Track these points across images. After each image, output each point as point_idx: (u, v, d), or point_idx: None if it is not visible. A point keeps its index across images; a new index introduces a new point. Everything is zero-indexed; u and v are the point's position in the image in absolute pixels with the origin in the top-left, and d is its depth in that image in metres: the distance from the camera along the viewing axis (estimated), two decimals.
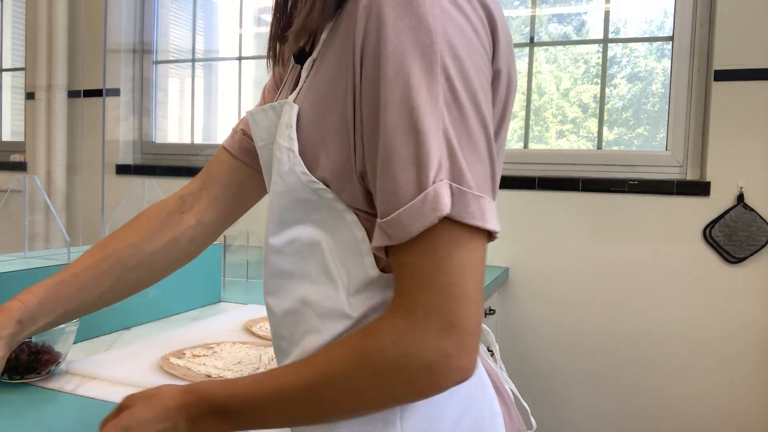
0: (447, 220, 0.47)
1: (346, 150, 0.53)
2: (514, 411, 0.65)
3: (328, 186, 0.55)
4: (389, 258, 0.51)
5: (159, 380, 0.84)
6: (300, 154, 0.56)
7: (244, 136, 0.75)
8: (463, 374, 0.49)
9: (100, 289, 0.73)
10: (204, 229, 0.78)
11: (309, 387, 0.52)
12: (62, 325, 0.85)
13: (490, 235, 0.50)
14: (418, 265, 0.49)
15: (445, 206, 0.47)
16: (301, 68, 0.61)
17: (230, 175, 0.76)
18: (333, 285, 0.56)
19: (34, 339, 0.83)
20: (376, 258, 0.54)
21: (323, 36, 0.58)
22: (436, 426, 0.57)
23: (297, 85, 0.61)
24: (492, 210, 0.50)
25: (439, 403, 0.56)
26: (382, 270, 0.55)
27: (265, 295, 0.63)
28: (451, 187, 0.48)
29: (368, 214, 0.54)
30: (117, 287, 0.75)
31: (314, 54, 0.58)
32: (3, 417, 0.74)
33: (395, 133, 0.48)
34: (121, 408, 0.57)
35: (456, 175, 0.48)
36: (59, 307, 0.71)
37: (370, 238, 0.54)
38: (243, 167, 0.76)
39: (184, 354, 0.95)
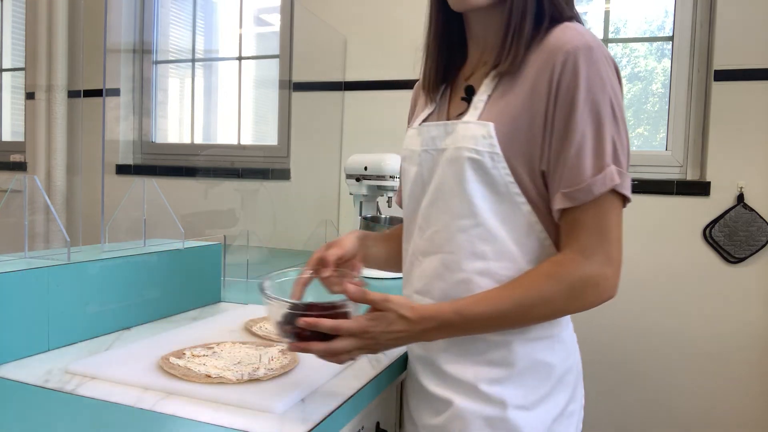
0: (611, 191, 0.77)
1: (529, 153, 0.80)
2: None
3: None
4: (562, 219, 0.80)
5: (159, 380, 0.84)
6: None
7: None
8: (611, 294, 0.79)
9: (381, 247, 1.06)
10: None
11: (518, 301, 0.78)
12: None
13: (625, 204, 0.80)
14: (591, 220, 0.78)
15: (617, 180, 0.77)
16: (465, 99, 0.88)
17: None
18: (511, 260, 0.82)
19: None
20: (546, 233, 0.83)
21: (486, 80, 0.85)
22: (572, 345, 0.90)
23: (455, 111, 0.90)
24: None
25: (571, 332, 0.91)
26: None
27: (439, 268, 0.86)
28: (616, 169, 0.77)
29: (536, 205, 0.82)
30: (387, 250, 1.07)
31: (488, 90, 0.85)
32: (3, 417, 0.74)
33: (585, 137, 0.77)
34: (379, 308, 0.77)
35: (617, 162, 0.78)
36: (370, 240, 1.03)
37: (541, 222, 0.82)
38: None
39: (184, 354, 0.95)
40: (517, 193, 0.81)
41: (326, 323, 0.74)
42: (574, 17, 0.84)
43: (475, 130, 0.82)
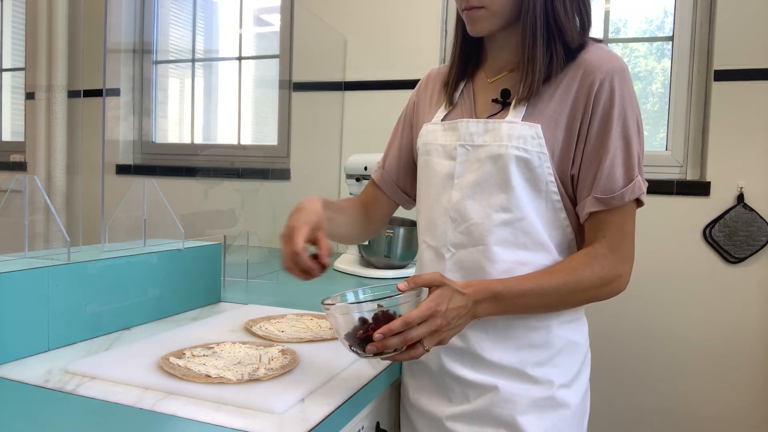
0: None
1: (564, 157, 0.89)
2: None
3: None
4: (590, 218, 0.89)
5: (159, 380, 0.84)
6: None
7: (385, 174, 1.14)
8: (625, 287, 0.90)
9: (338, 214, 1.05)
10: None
11: (560, 284, 0.86)
12: None
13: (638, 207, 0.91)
14: (618, 222, 0.89)
15: (643, 190, 0.88)
16: (500, 102, 0.95)
17: (374, 196, 1.16)
18: (546, 250, 0.91)
19: None
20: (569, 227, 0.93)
21: (522, 86, 0.91)
22: (586, 326, 1.01)
23: (486, 110, 0.96)
24: None
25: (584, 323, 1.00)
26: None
27: (480, 260, 0.91)
28: (641, 180, 0.88)
29: (564, 202, 0.90)
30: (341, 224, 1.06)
31: (523, 98, 0.90)
32: (3, 417, 0.74)
33: (617, 150, 0.87)
34: (436, 284, 0.80)
35: (641, 172, 0.89)
36: (329, 212, 0.99)
37: (567, 217, 0.91)
38: (382, 195, 1.15)
39: (184, 354, 0.95)
40: (554, 191, 0.90)
41: (397, 323, 0.76)
42: (586, 44, 0.91)
43: (523, 131, 0.89)
